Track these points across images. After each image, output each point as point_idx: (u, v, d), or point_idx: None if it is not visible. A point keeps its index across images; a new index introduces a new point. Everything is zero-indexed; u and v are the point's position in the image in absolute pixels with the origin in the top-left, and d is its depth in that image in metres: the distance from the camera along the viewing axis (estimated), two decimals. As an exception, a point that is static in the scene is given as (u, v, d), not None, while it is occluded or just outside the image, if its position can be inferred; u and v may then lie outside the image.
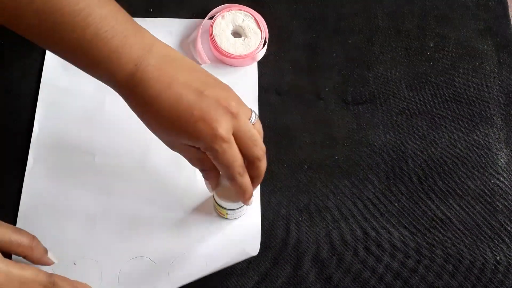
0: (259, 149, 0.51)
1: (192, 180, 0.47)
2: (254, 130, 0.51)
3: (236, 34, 0.72)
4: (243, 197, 0.54)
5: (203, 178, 0.56)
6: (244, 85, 0.70)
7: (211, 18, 0.73)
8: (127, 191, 0.64)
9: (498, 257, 0.64)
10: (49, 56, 0.70)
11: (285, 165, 0.67)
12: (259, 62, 0.72)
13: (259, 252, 0.60)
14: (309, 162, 0.67)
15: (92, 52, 0.47)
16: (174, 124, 0.48)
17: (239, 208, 0.59)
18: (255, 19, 0.72)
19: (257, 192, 0.64)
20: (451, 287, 0.62)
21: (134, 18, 0.73)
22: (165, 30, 0.73)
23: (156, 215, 0.63)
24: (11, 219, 0.62)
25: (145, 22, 0.72)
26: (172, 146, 0.51)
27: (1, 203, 0.63)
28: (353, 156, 0.68)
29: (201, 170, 0.54)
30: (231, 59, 0.70)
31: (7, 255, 0.52)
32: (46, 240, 0.60)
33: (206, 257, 0.61)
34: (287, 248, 0.63)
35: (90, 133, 0.66)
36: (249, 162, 0.52)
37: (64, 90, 0.69)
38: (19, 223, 0.62)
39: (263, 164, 0.53)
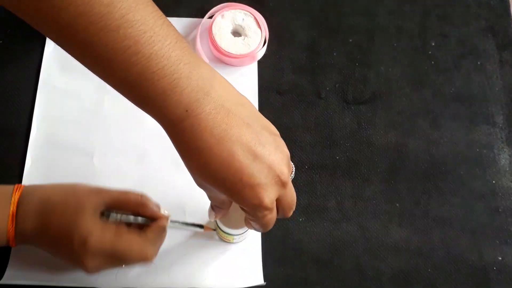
0: (292, 211, 0.50)
1: (191, 180, 0.46)
2: (294, 194, 0.49)
3: (236, 33, 0.72)
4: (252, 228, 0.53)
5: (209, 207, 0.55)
6: (244, 84, 0.70)
7: (210, 17, 0.73)
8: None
9: (500, 258, 0.63)
10: (48, 56, 0.69)
11: (285, 165, 0.66)
12: (259, 62, 0.72)
13: (259, 251, 0.60)
14: (310, 162, 0.67)
15: (138, 92, 0.43)
16: (220, 181, 0.44)
17: (245, 232, 0.58)
18: (255, 18, 0.72)
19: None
20: (452, 288, 0.62)
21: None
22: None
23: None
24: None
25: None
26: (201, 187, 0.48)
27: (0, 204, 0.63)
28: (354, 156, 0.68)
29: (214, 205, 0.53)
30: (231, 58, 0.70)
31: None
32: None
33: (206, 270, 0.61)
34: (287, 248, 0.63)
35: (88, 133, 0.66)
36: (278, 215, 0.50)
37: (63, 91, 0.68)
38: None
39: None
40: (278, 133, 0.48)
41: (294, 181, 0.65)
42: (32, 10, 0.41)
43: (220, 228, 0.58)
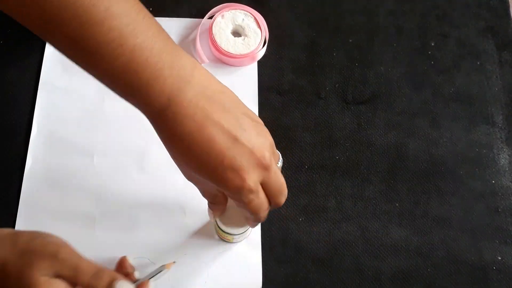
0: (284, 197, 0.50)
1: (191, 180, 0.47)
2: (282, 179, 0.49)
3: (236, 33, 0.72)
4: (254, 225, 0.53)
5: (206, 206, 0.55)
6: (244, 85, 0.70)
7: (210, 17, 0.73)
8: (126, 192, 0.64)
9: (500, 258, 0.63)
10: (48, 56, 0.70)
11: (285, 165, 0.66)
12: (259, 62, 0.72)
13: (259, 252, 0.60)
14: (310, 162, 0.67)
15: (123, 83, 0.44)
16: (202, 166, 0.45)
17: (244, 231, 0.58)
18: (255, 19, 0.72)
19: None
20: (452, 288, 0.62)
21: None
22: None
23: (155, 216, 0.63)
24: (10, 219, 0.62)
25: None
26: (190, 179, 0.50)
27: (0, 203, 0.63)
28: (353, 156, 0.68)
29: (210, 202, 0.53)
30: (231, 58, 0.70)
31: None
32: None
33: (206, 271, 0.61)
34: (287, 248, 0.63)
35: (89, 133, 0.66)
36: (271, 204, 0.50)
37: (63, 91, 0.68)
38: (18, 223, 0.61)
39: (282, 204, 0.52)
40: (261, 121, 0.49)
41: (294, 181, 0.66)
42: (16, 4, 0.41)
43: (219, 228, 0.58)
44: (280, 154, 0.52)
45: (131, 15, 0.43)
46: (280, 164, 0.51)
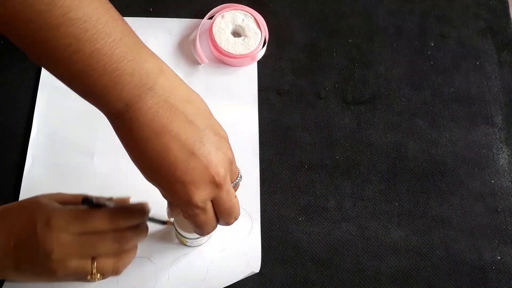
0: (233, 219, 0.49)
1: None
2: (234, 200, 0.48)
3: (236, 34, 0.72)
4: (203, 234, 0.53)
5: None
6: (244, 85, 0.70)
7: (210, 18, 0.73)
8: (125, 192, 0.64)
9: (499, 257, 0.63)
10: (48, 56, 0.70)
11: (285, 165, 0.67)
12: (259, 62, 0.72)
13: (259, 252, 0.60)
14: (309, 162, 0.67)
15: (80, 86, 0.44)
16: (152, 174, 0.45)
17: (198, 238, 0.58)
18: (255, 19, 0.72)
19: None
20: (451, 288, 0.62)
21: (132, 18, 0.73)
22: (164, 30, 0.72)
23: (155, 216, 0.63)
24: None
25: (144, 22, 0.73)
26: (148, 180, 0.48)
27: None
28: (353, 156, 0.68)
29: (168, 202, 0.52)
30: (231, 58, 0.70)
31: None
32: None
33: (206, 267, 0.61)
34: (287, 248, 0.63)
35: (88, 133, 0.66)
36: (219, 223, 0.50)
37: (63, 90, 0.67)
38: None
39: (232, 224, 0.51)
40: (226, 136, 0.48)
41: (294, 181, 0.66)
42: None
43: (175, 229, 0.58)
44: (240, 171, 0.51)
45: (91, 20, 0.41)
46: (237, 181, 0.50)
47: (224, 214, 0.48)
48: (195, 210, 0.46)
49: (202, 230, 0.48)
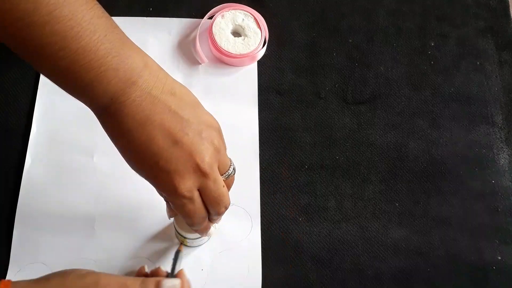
0: (222, 207, 0.50)
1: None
2: (222, 189, 0.48)
3: (236, 33, 0.72)
4: (200, 234, 0.54)
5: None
6: (244, 85, 0.70)
7: (210, 17, 0.73)
8: (126, 191, 0.64)
9: (499, 257, 0.63)
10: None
11: (285, 165, 0.66)
12: (259, 62, 0.72)
13: (259, 252, 0.60)
14: (309, 162, 0.67)
15: (66, 82, 0.45)
16: (139, 165, 0.46)
17: (198, 238, 0.58)
18: (255, 19, 0.72)
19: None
20: (452, 288, 0.62)
21: (132, 18, 0.73)
22: (164, 30, 0.72)
23: (155, 215, 0.63)
24: (9, 218, 0.62)
25: (144, 22, 0.73)
26: (142, 177, 0.48)
27: None
28: (353, 156, 0.68)
29: (165, 200, 0.52)
30: (231, 58, 0.70)
31: None
32: (44, 240, 0.59)
33: (206, 267, 0.61)
34: (287, 248, 0.63)
35: (88, 132, 0.66)
36: (209, 213, 0.50)
37: (63, 90, 0.68)
38: (16, 223, 0.61)
39: (223, 214, 0.51)
40: (216, 125, 0.48)
41: (294, 181, 0.66)
42: None
43: (175, 228, 0.58)
44: (233, 162, 0.50)
45: (77, 18, 0.42)
46: (231, 173, 0.50)
47: (212, 203, 0.48)
48: (182, 200, 0.46)
49: (192, 220, 0.49)
